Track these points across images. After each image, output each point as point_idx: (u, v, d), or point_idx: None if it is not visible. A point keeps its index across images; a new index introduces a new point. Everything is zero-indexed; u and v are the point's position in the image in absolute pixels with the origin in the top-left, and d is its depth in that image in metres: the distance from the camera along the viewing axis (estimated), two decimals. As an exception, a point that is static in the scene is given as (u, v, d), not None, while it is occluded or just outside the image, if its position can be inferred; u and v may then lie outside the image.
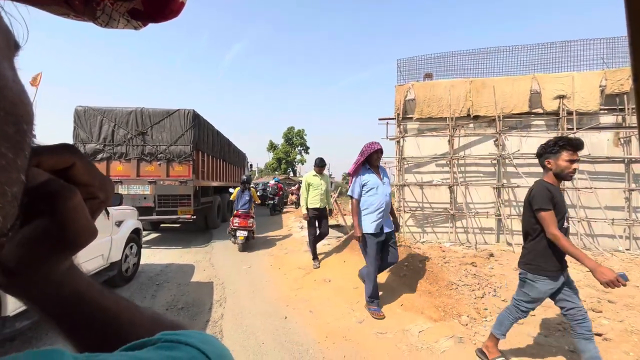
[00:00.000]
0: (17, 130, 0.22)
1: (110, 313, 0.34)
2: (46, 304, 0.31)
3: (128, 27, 0.38)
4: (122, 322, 0.34)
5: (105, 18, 0.36)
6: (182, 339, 0.28)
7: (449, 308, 3.45)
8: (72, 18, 0.36)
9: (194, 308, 3.64)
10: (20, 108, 0.22)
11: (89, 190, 0.30)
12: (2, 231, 0.22)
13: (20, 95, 0.22)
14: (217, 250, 6.64)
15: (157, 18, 0.38)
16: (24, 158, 0.23)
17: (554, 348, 2.71)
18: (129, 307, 0.37)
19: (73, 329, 0.33)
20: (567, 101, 6.89)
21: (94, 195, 0.31)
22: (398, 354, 2.66)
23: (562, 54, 7.34)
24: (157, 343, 0.27)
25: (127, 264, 4.44)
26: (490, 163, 7.41)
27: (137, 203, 6.43)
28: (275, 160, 45.78)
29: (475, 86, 7.39)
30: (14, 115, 0.21)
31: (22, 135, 0.22)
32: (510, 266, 5.22)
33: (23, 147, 0.23)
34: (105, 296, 0.35)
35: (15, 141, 0.22)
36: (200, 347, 0.27)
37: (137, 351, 0.26)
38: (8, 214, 0.22)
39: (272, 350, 2.74)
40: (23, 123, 0.22)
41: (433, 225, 7.71)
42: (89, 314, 0.33)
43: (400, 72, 8.30)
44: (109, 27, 0.37)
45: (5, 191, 0.21)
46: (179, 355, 0.24)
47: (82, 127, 6.75)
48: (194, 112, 7.09)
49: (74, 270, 0.33)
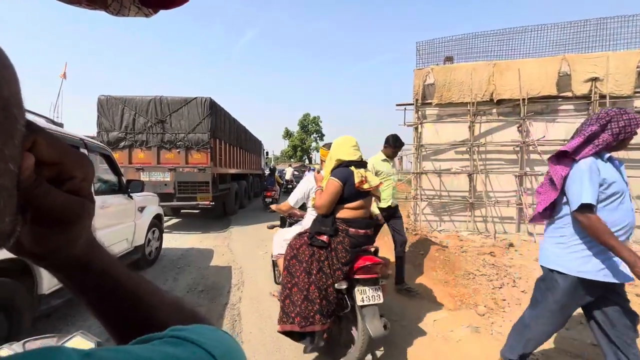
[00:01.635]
0: (5, 116, 0.20)
1: (131, 292, 0.35)
2: (74, 280, 0.33)
3: (139, 15, 0.37)
4: (143, 303, 0.36)
5: (117, 6, 0.36)
6: (189, 336, 0.27)
7: (466, 298, 3.42)
8: (85, 7, 0.36)
9: (213, 291, 3.78)
10: (4, 89, 0.20)
11: (60, 169, 0.27)
12: (2, 227, 0.21)
13: (3, 72, 0.20)
14: (235, 235, 6.82)
15: (168, 4, 0.37)
16: (14, 146, 0.21)
17: (575, 341, 2.65)
18: (151, 290, 0.38)
19: (98, 303, 0.35)
20: (600, 84, 6.46)
21: (69, 175, 0.28)
22: (412, 342, 2.67)
23: (597, 32, 6.83)
24: (164, 338, 0.27)
25: (150, 247, 4.64)
26: (512, 150, 7.12)
27: (158, 189, 6.63)
28: (291, 148, 45.93)
29: (499, 69, 7.03)
30: (1, 98, 0.19)
31: (11, 121, 0.20)
32: (531, 257, 5.07)
33: (13, 134, 0.21)
34: (129, 277, 0.36)
35: (3, 129, 0.20)
36: (206, 346, 0.27)
37: (143, 345, 0.26)
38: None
39: (288, 334, 2.82)
40: (12, 107, 0.20)
41: (451, 214, 7.57)
42: (112, 291, 0.34)
43: (419, 56, 8.01)
44: (120, 15, 0.37)
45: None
46: (183, 354, 0.24)
47: (105, 116, 6.96)
48: (210, 100, 7.16)
49: (97, 249, 0.34)
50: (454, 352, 2.51)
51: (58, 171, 0.27)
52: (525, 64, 6.92)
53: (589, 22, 6.91)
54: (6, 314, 2.09)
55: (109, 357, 0.20)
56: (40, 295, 2.42)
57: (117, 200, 3.80)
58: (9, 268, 2.13)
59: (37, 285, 2.39)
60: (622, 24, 6.66)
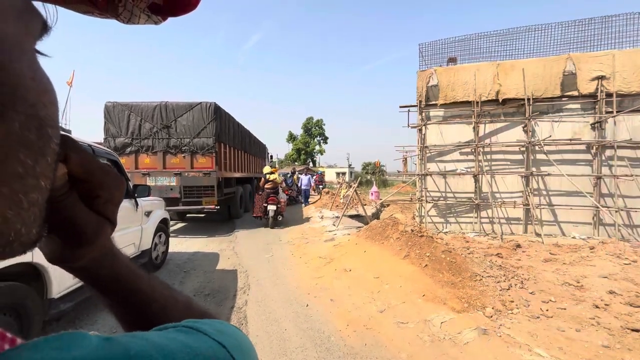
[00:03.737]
0: (39, 135, 0.20)
1: (143, 295, 0.37)
2: (91, 283, 0.35)
3: (149, 23, 0.39)
4: (155, 305, 0.37)
5: (127, 14, 0.37)
6: (201, 327, 0.28)
7: (473, 299, 3.38)
8: (97, 16, 0.37)
9: (219, 294, 3.80)
10: (42, 110, 0.20)
11: (87, 187, 0.28)
12: (31, 239, 0.22)
13: (41, 95, 0.21)
14: (240, 239, 6.84)
15: (177, 11, 0.38)
16: (47, 164, 0.22)
17: (586, 343, 2.60)
18: (164, 293, 0.39)
19: (113, 305, 0.37)
20: (607, 82, 6.39)
21: (95, 193, 0.29)
22: (419, 344, 2.65)
23: (602, 30, 6.77)
24: (177, 327, 0.29)
25: (157, 252, 4.68)
26: (518, 150, 7.06)
27: (164, 194, 6.70)
28: (295, 151, 46.03)
29: (504, 69, 7.00)
30: (37, 118, 0.20)
31: (45, 141, 0.21)
32: (539, 258, 5.01)
33: (45, 153, 0.21)
34: (142, 280, 0.38)
35: (37, 147, 0.20)
36: (218, 338, 0.27)
37: (158, 332, 0.27)
38: (27, 221, 0.21)
39: (294, 337, 2.82)
40: (47, 127, 0.21)
41: (456, 215, 7.51)
42: (124, 294, 0.36)
43: (422, 57, 8.00)
44: (130, 23, 0.38)
45: (20, 200, 0.20)
46: (196, 345, 0.25)
47: (111, 122, 7.06)
48: (215, 104, 7.23)
49: (113, 254, 0.35)
50: (462, 355, 2.49)
51: (86, 188, 0.28)
52: (529, 63, 6.88)
53: (593, 20, 6.85)
54: (17, 317, 2.13)
55: (127, 342, 0.21)
56: (50, 299, 2.46)
57: (124, 205, 3.84)
58: (20, 272, 2.17)
59: (47, 290, 2.43)
60: (627, 22, 6.59)
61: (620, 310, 3.13)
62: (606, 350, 2.46)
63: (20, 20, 0.20)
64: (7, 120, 0.18)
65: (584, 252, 5.21)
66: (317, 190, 17.56)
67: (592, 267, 4.44)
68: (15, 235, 0.20)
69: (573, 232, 6.59)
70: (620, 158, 6.34)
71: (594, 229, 6.61)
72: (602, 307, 3.20)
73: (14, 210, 0.20)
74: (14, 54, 0.18)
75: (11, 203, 0.19)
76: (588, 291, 3.62)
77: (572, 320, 2.99)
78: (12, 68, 0.18)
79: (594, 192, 6.54)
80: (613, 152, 6.40)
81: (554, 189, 6.83)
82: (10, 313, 2.09)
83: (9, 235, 0.20)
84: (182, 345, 0.24)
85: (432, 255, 4.35)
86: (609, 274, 4.08)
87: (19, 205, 0.20)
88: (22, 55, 0.19)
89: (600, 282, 3.85)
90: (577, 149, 6.72)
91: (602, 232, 6.55)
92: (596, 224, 6.59)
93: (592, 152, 6.63)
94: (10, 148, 0.18)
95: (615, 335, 2.70)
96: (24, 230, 0.21)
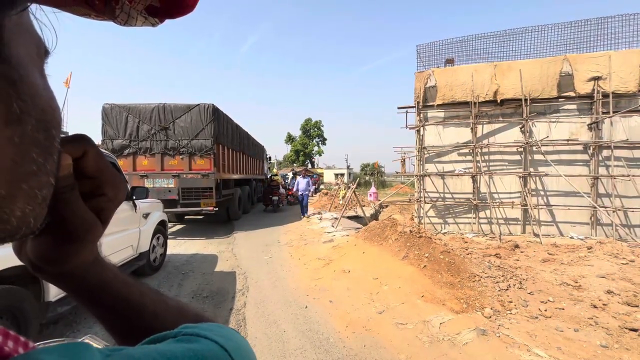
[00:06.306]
0: (47, 136, 0.23)
1: (133, 303, 0.36)
2: (76, 292, 0.34)
3: (146, 24, 0.39)
4: (146, 313, 0.36)
5: (124, 16, 0.37)
6: (201, 332, 0.29)
7: (472, 300, 3.38)
8: (94, 18, 0.37)
9: (218, 296, 3.78)
10: (49, 114, 0.23)
11: (95, 184, 0.30)
12: (32, 230, 0.24)
13: (49, 102, 0.24)
14: (239, 241, 6.82)
15: (174, 13, 0.38)
16: (53, 162, 0.24)
17: (584, 343, 2.61)
18: (154, 299, 0.38)
19: (101, 315, 0.36)
20: (603, 82, 6.43)
21: (101, 191, 0.30)
22: (418, 345, 2.65)
23: (598, 31, 6.82)
24: (178, 336, 0.28)
25: (155, 254, 4.66)
26: (516, 151, 7.09)
27: (162, 196, 6.67)
28: (293, 153, 46.01)
29: (501, 70, 7.03)
30: (44, 122, 0.23)
31: (51, 141, 0.24)
32: (537, 258, 5.02)
33: (52, 152, 0.24)
34: (130, 287, 0.37)
35: (45, 146, 0.23)
36: (218, 340, 0.28)
37: (159, 344, 0.27)
38: (38, 215, 0.23)
39: (293, 339, 2.81)
40: (52, 129, 0.24)
41: (455, 216, 7.53)
42: (112, 303, 0.35)
43: (420, 58, 8.03)
44: (128, 25, 0.38)
45: (35, 195, 0.22)
46: (198, 348, 0.26)
47: (109, 124, 7.04)
48: (213, 106, 7.22)
49: (98, 262, 0.34)
50: (461, 356, 2.49)
51: (93, 185, 0.30)
52: (526, 64, 6.91)
53: (589, 22, 6.91)
54: (14, 321, 2.11)
55: (129, 354, 0.21)
56: (48, 302, 2.44)
57: (121, 207, 3.81)
58: (17, 275, 2.15)
59: (45, 293, 2.41)
60: (622, 23, 6.65)
61: (618, 309, 3.14)
62: (604, 350, 2.47)
63: (33, 45, 0.23)
64: (23, 123, 0.21)
65: (582, 252, 5.23)
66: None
67: (590, 267, 4.45)
68: (25, 228, 0.23)
69: (571, 232, 6.62)
70: (617, 158, 6.38)
71: (591, 229, 6.64)
72: (600, 307, 3.21)
73: (32, 205, 0.22)
74: (30, 70, 0.22)
75: (29, 198, 0.22)
76: (586, 291, 3.64)
77: (571, 320, 3.00)
78: (29, 81, 0.21)
79: (592, 192, 6.57)
80: (610, 153, 6.44)
81: (551, 189, 6.86)
82: (7, 316, 2.08)
83: (21, 229, 0.22)
84: (185, 349, 0.25)
85: (430, 256, 4.36)
86: (607, 274, 4.10)
87: (35, 201, 0.22)
88: (35, 71, 0.23)
89: (598, 282, 3.87)
90: (575, 150, 6.76)
91: (600, 232, 6.58)
92: (594, 224, 6.62)
93: (589, 152, 6.66)
94: (26, 148, 0.21)
95: (614, 335, 2.71)
96: (34, 223, 0.23)
